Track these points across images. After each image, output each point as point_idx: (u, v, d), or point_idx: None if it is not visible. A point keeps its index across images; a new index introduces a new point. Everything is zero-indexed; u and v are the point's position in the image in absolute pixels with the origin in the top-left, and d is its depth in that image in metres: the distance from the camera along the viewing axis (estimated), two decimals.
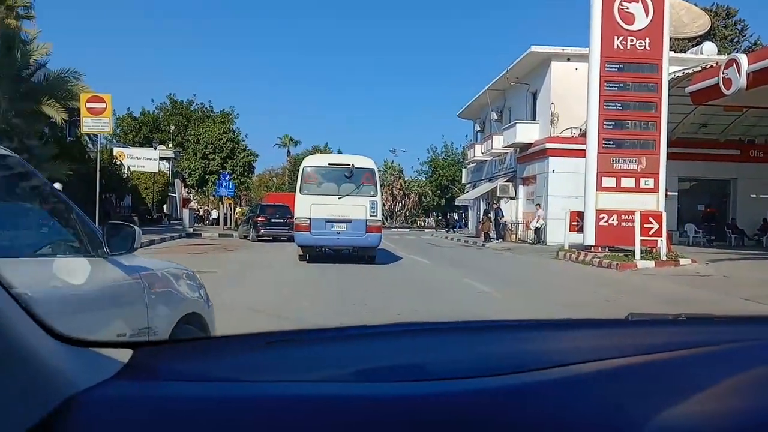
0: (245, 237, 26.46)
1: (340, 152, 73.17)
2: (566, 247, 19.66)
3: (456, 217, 53.24)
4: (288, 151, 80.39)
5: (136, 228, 2.66)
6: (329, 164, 15.29)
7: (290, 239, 25.04)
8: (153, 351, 1.06)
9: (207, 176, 34.99)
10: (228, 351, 1.14)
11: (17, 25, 25.37)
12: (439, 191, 56.34)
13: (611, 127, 17.01)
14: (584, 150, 24.97)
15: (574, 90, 25.67)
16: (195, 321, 3.10)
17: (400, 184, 60.60)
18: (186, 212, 35.81)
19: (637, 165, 17.16)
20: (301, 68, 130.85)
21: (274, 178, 76.26)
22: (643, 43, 16.98)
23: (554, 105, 26.14)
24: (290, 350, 1.16)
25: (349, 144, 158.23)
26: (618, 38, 16.75)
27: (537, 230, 26.43)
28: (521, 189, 30.24)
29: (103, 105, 18.61)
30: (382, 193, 16.30)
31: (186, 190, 45.10)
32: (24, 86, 22.47)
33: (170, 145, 43.83)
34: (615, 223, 16.88)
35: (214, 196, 38.20)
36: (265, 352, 1.13)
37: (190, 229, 31.68)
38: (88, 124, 18.45)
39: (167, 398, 0.83)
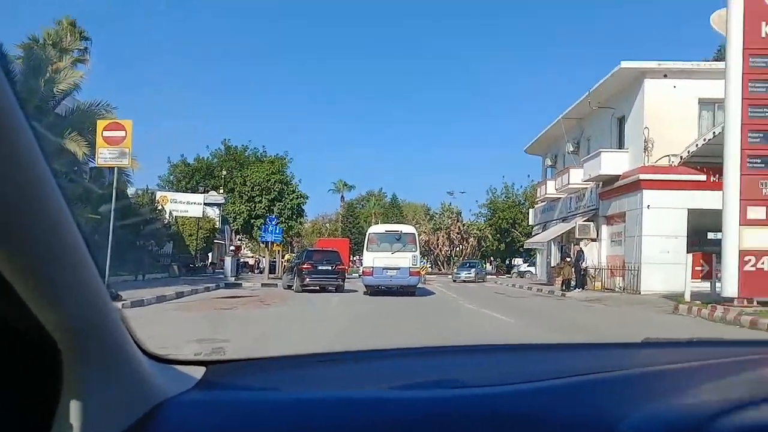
0: (289, 287, 23.03)
1: (395, 197, 73.16)
2: (687, 297, 15.54)
3: (520, 263, 49.21)
4: (342, 196, 78.62)
5: None
6: (386, 231, 22.52)
7: (338, 289, 21.74)
8: (222, 368, 1.17)
9: (253, 220, 32.12)
10: (286, 368, 1.32)
11: (63, 66, 23.17)
12: (498, 235, 52.92)
13: (758, 140, 12.84)
14: (686, 181, 21.12)
15: (671, 111, 21.88)
16: None
17: (458, 227, 56.83)
18: (228, 260, 32.58)
19: None
20: (358, 108, 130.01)
21: (328, 224, 73.44)
22: None
23: (648, 129, 22.16)
24: (338, 367, 1.34)
25: (405, 188, 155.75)
26: (767, 24, 12.88)
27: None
28: (604, 229, 26.14)
29: (122, 133, 15.64)
30: (437, 237, 33.99)
31: (237, 237, 42.75)
32: (46, 118, 20.22)
33: (221, 191, 42.33)
34: (766, 267, 12.71)
35: (261, 242, 34.93)
36: (317, 369, 1.30)
37: (232, 279, 28.72)
38: (104, 156, 15.57)
39: (239, 402, 0.97)
